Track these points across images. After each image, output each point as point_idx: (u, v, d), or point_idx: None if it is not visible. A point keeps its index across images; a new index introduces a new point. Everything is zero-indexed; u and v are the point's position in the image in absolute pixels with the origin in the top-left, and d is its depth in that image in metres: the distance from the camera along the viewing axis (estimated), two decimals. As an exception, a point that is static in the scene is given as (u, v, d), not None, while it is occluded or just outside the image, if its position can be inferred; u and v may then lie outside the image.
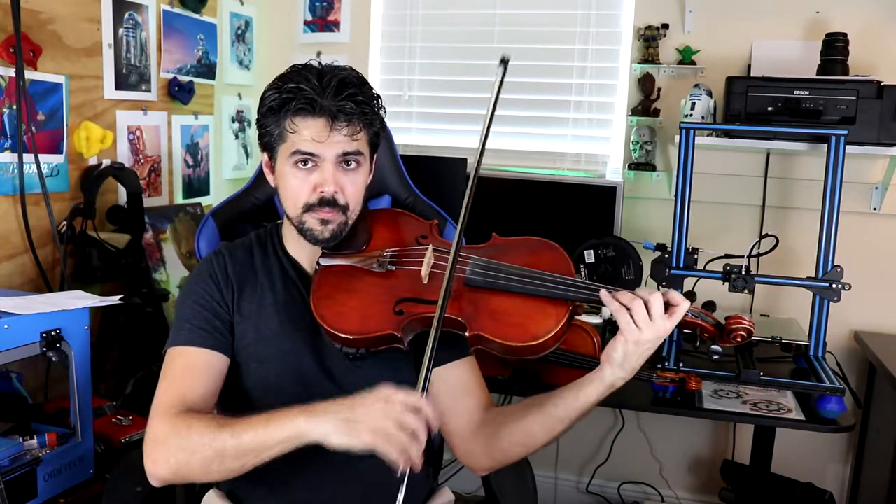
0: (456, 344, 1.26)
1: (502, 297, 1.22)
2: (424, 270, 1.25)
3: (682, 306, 1.14)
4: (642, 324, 1.12)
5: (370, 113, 1.25)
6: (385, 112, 1.31)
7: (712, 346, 1.22)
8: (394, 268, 1.28)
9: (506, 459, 1.32)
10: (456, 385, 1.34)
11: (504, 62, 1.22)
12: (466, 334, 1.19)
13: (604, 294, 1.16)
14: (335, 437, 1.02)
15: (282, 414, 1.07)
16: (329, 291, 1.26)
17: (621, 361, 1.15)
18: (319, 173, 1.24)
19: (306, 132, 1.22)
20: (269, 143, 1.28)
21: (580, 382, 1.21)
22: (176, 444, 1.11)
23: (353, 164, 1.26)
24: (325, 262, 1.30)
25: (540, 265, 1.25)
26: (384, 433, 1.00)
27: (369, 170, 1.31)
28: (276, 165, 1.28)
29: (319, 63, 1.27)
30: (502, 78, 1.22)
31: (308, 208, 1.25)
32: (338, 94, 1.20)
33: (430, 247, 1.29)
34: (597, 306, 1.21)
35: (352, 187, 1.26)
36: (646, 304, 1.13)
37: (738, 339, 1.18)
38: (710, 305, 1.25)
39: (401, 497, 1.03)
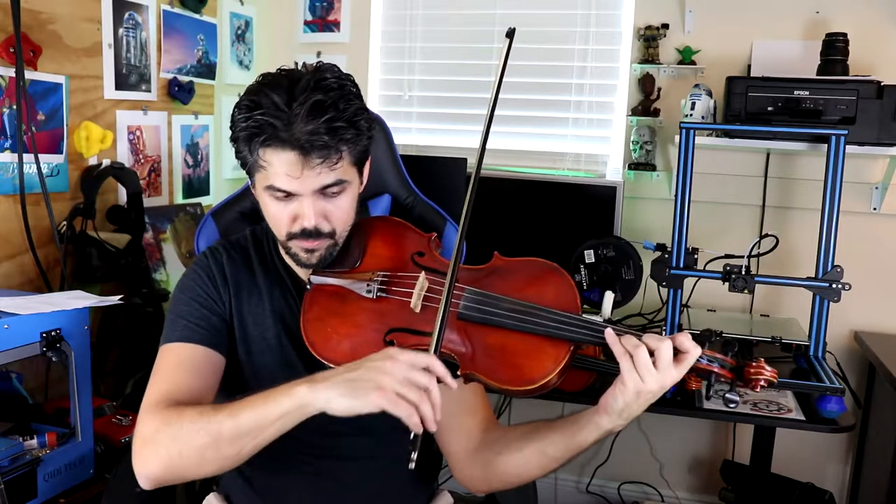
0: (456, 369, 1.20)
1: (498, 333, 1.13)
2: (415, 301, 1.18)
3: (693, 353, 1.03)
4: (645, 373, 1.02)
5: (353, 136, 1.13)
6: (372, 117, 1.20)
7: (727, 395, 1.12)
8: (384, 294, 1.21)
9: (502, 486, 1.29)
10: (457, 405, 1.28)
11: (510, 34, 1.16)
12: (458, 373, 1.11)
13: (609, 335, 1.07)
14: (339, 400, 0.96)
15: (281, 387, 1.01)
16: (319, 314, 1.21)
17: (620, 411, 1.07)
18: (298, 205, 1.15)
19: (279, 167, 1.11)
20: (245, 167, 1.19)
21: (577, 423, 1.14)
22: (167, 434, 1.04)
23: (336, 190, 1.16)
24: (316, 279, 1.24)
25: (543, 296, 1.16)
26: (392, 390, 0.94)
27: (360, 184, 1.23)
28: (256, 189, 1.20)
29: (298, 67, 1.15)
30: (508, 49, 1.15)
31: (291, 237, 1.18)
32: (310, 120, 1.08)
33: (423, 273, 1.22)
34: (601, 345, 1.15)
35: (337, 212, 1.18)
36: (652, 353, 1.03)
37: (758, 389, 1.08)
38: (707, 336, 1.15)
39: (414, 457, 0.97)
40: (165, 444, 1.04)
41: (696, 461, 2.70)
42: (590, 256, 2.24)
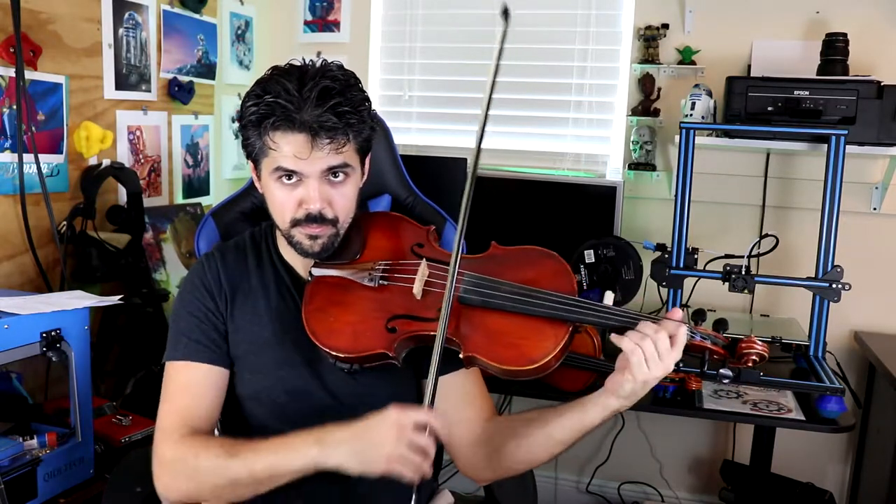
0: (457, 354, 1.23)
1: (498, 316, 1.16)
2: (417, 287, 1.20)
3: (681, 331, 1.10)
4: (652, 363, 1.09)
5: (357, 122, 1.18)
6: (373, 114, 1.24)
7: (721, 370, 1.15)
8: (386, 282, 1.24)
9: (507, 474, 1.32)
10: (457, 396, 1.30)
11: (505, 13, 1.19)
12: (461, 355, 1.15)
13: (625, 336, 1.11)
14: (351, 466, 1.05)
15: (293, 443, 1.08)
16: (321, 304, 1.23)
17: (628, 395, 1.13)
18: (304, 189, 1.19)
19: (287, 148, 1.16)
20: (252, 154, 1.24)
21: (583, 406, 1.18)
22: (184, 473, 1.12)
23: (341, 177, 1.21)
24: (317, 271, 1.26)
25: (540, 279, 1.19)
26: (399, 458, 1.03)
27: (361, 175, 1.27)
28: (261, 177, 1.25)
29: (304, 62, 1.21)
30: (505, 31, 1.18)
31: (295, 223, 1.21)
32: (319, 105, 1.14)
33: (424, 261, 1.24)
34: (598, 326, 1.18)
35: (340, 199, 1.21)
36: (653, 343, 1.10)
37: (750, 364, 1.13)
38: (699, 314, 1.19)
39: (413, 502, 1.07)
40: (184, 479, 1.13)
41: (696, 461, 2.70)
42: (590, 256, 2.24)
